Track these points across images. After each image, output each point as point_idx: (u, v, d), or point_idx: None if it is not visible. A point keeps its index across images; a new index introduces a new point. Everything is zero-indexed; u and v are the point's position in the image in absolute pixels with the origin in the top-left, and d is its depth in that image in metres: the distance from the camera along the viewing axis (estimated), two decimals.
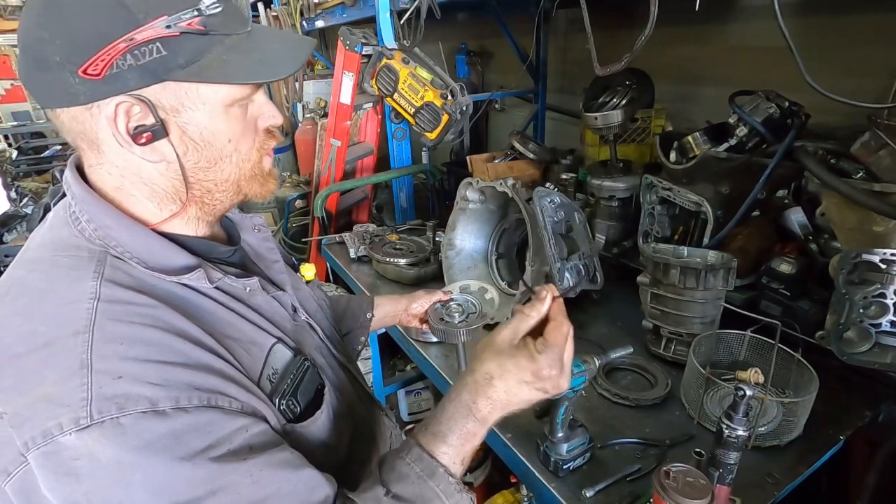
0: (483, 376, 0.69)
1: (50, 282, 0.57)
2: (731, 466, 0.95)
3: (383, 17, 2.05)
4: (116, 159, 0.61)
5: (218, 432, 0.55)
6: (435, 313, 1.23)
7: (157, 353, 0.54)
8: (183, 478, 0.52)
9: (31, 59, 0.55)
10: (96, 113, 0.57)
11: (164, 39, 0.55)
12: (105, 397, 0.51)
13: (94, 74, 0.54)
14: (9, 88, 9.30)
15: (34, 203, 4.75)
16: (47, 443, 0.50)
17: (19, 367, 0.53)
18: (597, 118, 1.95)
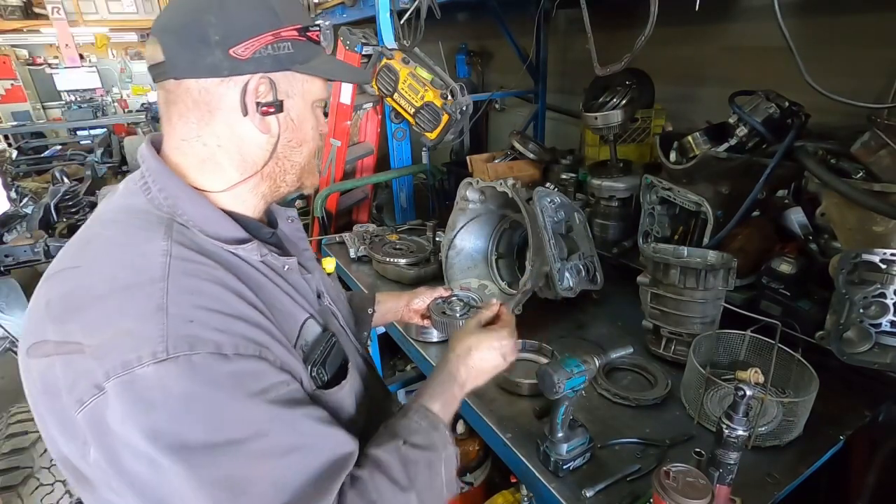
0: (463, 349, 0.91)
1: (126, 237, 0.66)
2: (731, 466, 0.94)
3: (383, 17, 2.05)
4: (222, 128, 0.72)
5: (267, 380, 0.63)
6: (437, 307, 1.25)
7: (219, 306, 0.63)
8: (238, 415, 0.60)
9: (188, 36, 0.67)
10: (230, 85, 0.69)
11: (294, 40, 0.71)
12: (179, 336, 0.58)
13: (241, 55, 0.67)
14: (9, 88, 9.31)
15: (34, 203, 4.74)
16: (127, 373, 0.56)
17: (101, 305, 0.60)
18: (597, 118, 1.95)
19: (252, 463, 0.59)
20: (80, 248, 0.68)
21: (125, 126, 9.24)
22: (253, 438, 0.60)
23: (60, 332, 0.60)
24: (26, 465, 1.99)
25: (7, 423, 2.13)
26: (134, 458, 0.58)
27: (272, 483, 0.60)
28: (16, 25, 9.54)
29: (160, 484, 0.58)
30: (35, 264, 3.86)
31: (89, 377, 0.57)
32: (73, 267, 0.65)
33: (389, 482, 0.70)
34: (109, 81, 10.83)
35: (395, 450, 0.74)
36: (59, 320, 0.61)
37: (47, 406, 0.63)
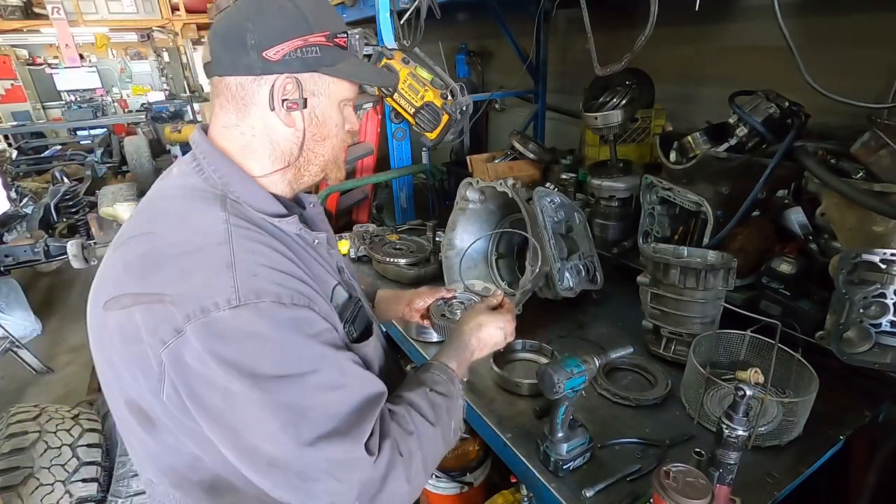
0: (475, 324, 1.08)
1: (189, 209, 0.77)
2: (731, 466, 0.95)
3: (383, 17, 2.05)
4: (255, 121, 0.82)
5: (317, 326, 0.75)
6: (437, 309, 1.25)
7: (275, 264, 0.74)
8: (298, 353, 0.71)
9: (231, 40, 0.77)
10: (262, 83, 0.79)
11: (322, 46, 0.80)
12: (247, 288, 0.68)
13: (272, 58, 0.77)
14: (9, 88, 9.31)
15: (34, 203, 4.74)
16: (206, 316, 0.66)
17: (177, 264, 0.70)
18: (597, 118, 1.95)
19: (309, 393, 0.71)
20: (149, 219, 0.79)
21: (125, 126, 9.24)
22: (310, 374, 0.71)
23: (141, 286, 0.70)
24: (26, 465, 1.99)
25: (7, 423, 2.13)
26: (210, 388, 0.68)
27: (324, 410, 0.71)
28: (16, 25, 9.54)
29: (232, 411, 0.68)
30: (35, 264, 3.86)
31: (170, 322, 0.67)
32: (146, 233, 0.76)
33: (422, 417, 0.84)
34: (109, 81, 10.83)
35: (424, 394, 0.88)
36: (139, 276, 0.71)
37: (123, 351, 0.72)
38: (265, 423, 0.68)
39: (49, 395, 3.43)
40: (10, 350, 3.50)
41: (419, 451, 0.80)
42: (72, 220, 4.86)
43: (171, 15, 10.65)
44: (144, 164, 7.07)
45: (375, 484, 0.73)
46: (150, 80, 11.44)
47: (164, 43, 11.80)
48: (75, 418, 2.24)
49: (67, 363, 3.79)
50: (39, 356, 3.67)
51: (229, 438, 0.71)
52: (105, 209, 4.11)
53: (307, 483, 0.70)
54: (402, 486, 0.76)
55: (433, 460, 0.85)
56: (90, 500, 2.05)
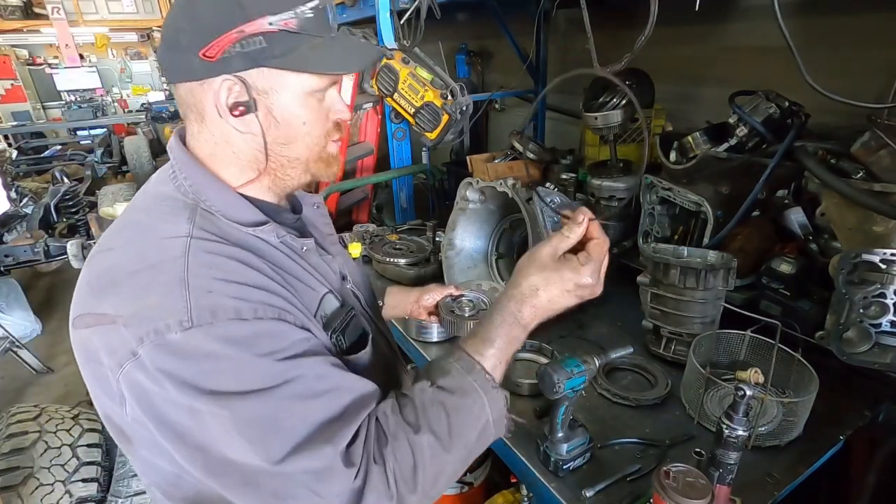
0: (529, 288, 0.78)
1: (154, 222, 0.73)
2: (731, 466, 0.95)
3: (383, 17, 2.05)
4: (214, 129, 0.75)
5: (287, 339, 0.68)
6: (446, 305, 1.26)
7: (237, 277, 0.68)
8: (261, 369, 0.65)
9: (168, 43, 0.70)
10: (206, 88, 0.71)
11: (266, 34, 0.68)
12: (201, 306, 0.63)
13: (210, 56, 0.67)
14: (9, 88, 9.31)
15: (34, 203, 4.74)
16: (158, 338, 0.62)
17: (132, 281, 0.66)
18: (597, 118, 1.95)
19: (282, 404, 0.65)
20: (116, 233, 0.75)
21: (125, 126, 9.24)
22: (279, 386, 0.65)
23: (99, 306, 0.67)
24: (26, 465, 1.99)
25: (7, 423, 2.13)
26: (174, 408, 0.64)
27: (301, 419, 0.65)
28: (16, 25, 9.55)
29: (199, 428, 0.64)
30: (35, 264, 3.86)
31: (124, 344, 0.64)
32: (109, 249, 0.73)
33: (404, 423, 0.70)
34: (109, 81, 10.83)
35: (420, 391, 0.74)
36: (97, 295, 0.68)
37: (90, 371, 0.71)
38: (233, 440, 0.63)
39: (49, 395, 3.43)
40: (10, 350, 3.50)
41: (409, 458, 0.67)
42: (72, 220, 4.86)
43: None
44: (144, 164, 7.07)
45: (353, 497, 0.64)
46: (150, 80, 11.45)
47: None
48: (75, 418, 2.24)
49: (67, 363, 3.79)
50: (39, 356, 3.67)
51: (198, 458, 0.66)
52: (105, 209, 4.11)
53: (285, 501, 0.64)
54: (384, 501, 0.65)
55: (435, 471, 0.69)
56: (90, 500, 2.05)
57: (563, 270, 0.77)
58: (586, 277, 0.77)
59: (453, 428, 0.71)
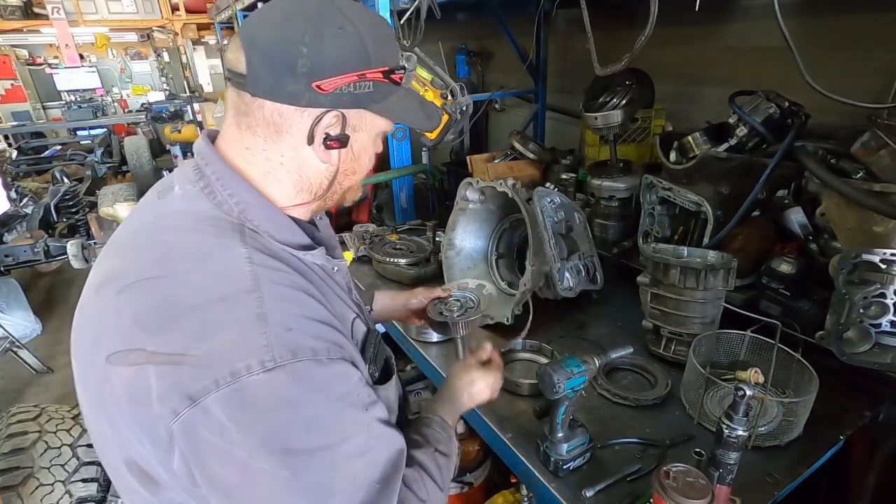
0: (467, 381, 1.05)
1: (205, 246, 0.67)
2: (731, 466, 0.94)
3: (383, 17, 2.05)
4: (287, 150, 0.73)
5: (352, 380, 0.68)
6: (434, 308, 1.26)
7: (309, 312, 0.66)
8: (333, 420, 0.63)
9: (277, 61, 0.67)
10: (304, 115, 0.70)
11: (376, 81, 0.72)
12: (282, 345, 0.60)
13: (323, 89, 0.68)
14: (9, 88, 9.31)
15: (34, 203, 4.74)
16: (236, 381, 0.57)
17: (199, 317, 0.60)
18: (597, 118, 1.95)
19: (338, 465, 0.63)
20: (158, 258, 0.67)
21: (125, 126, 9.25)
22: (340, 443, 0.64)
23: (156, 343, 0.60)
24: (26, 465, 1.99)
25: (7, 423, 2.13)
26: (227, 464, 0.59)
27: (352, 482, 0.64)
28: (16, 25, 9.55)
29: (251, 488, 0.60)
30: (35, 264, 3.86)
31: (185, 388, 0.58)
32: (159, 276, 0.64)
33: (433, 483, 0.79)
34: (109, 81, 10.83)
35: (432, 456, 0.84)
36: (153, 331, 0.61)
37: (129, 412, 0.62)
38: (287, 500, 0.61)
39: (49, 395, 3.43)
40: (10, 350, 3.50)
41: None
42: (72, 220, 4.86)
43: (171, 15, 10.66)
44: (144, 164, 7.07)
45: None
46: (150, 80, 11.45)
47: (164, 43, 11.81)
48: (75, 418, 2.24)
49: (67, 363, 3.76)
50: (39, 356, 3.67)
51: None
52: (105, 209, 4.11)
53: None
54: None
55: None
56: (90, 500, 2.05)
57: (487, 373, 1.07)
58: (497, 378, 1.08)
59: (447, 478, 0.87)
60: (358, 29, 0.69)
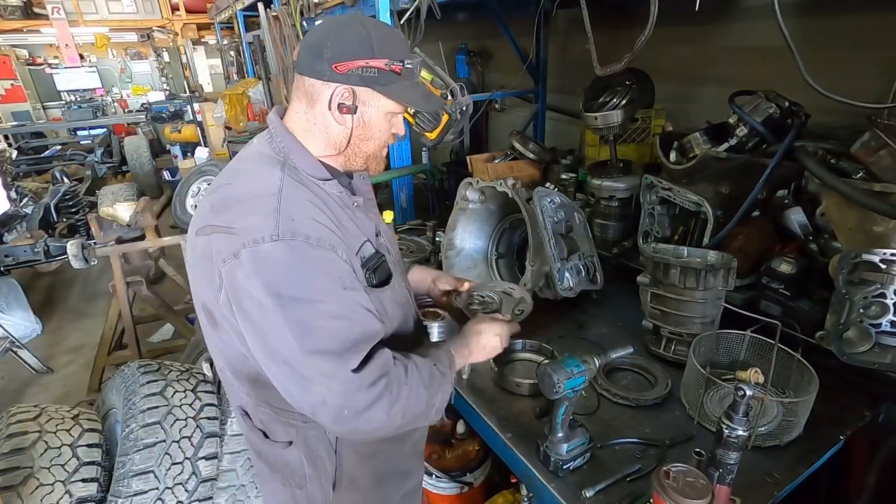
0: (478, 329, 1.23)
1: (258, 170, 1.02)
2: (731, 466, 0.95)
3: (383, 17, 2.05)
4: (318, 114, 1.02)
5: (335, 266, 0.95)
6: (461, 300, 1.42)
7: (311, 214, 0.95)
8: (313, 283, 0.91)
9: (313, 49, 0.98)
10: (327, 87, 0.99)
11: (380, 69, 0.98)
12: (285, 227, 0.90)
13: (339, 70, 0.97)
14: (9, 88, 9.31)
15: (34, 203, 4.73)
16: (255, 245, 0.89)
17: (242, 206, 0.94)
18: (597, 118, 1.95)
19: (317, 316, 0.91)
20: (231, 174, 1.05)
21: (125, 126, 9.25)
22: (319, 302, 0.91)
23: (218, 219, 0.94)
24: (26, 465, 1.99)
25: (7, 423, 2.13)
26: (249, 300, 0.90)
27: (327, 332, 0.91)
28: (16, 25, 9.55)
29: (263, 319, 0.90)
30: (35, 264, 3.85)
31: (231, 247, 0.89)
32: (227, 184, 1.01)
33: (419, 377, 1.01)
34: (109, 81, 10.84)
35: (428, 364, 1.06)
36: (217, 212, 0.96)
37: (202, 266, 0.96)
38: (282, 331, 0.89)
39: (49, 395, 3.43)
40: (10, 350, 3.49)
41: (405, 399, 0.97)
42: (72, 220, 4.86)
43: (171, 15, 10.66)
44: (144, 164, 7.06)
45: (364, 403, 0.92)
46: (150, 80, 11.45)
47: (164, 43, 11.81)
48: (75, 418, 2.24)
49: (67, 363, 3.78)
50: (39, 356, 3.66)
51: (259, 339, 0.92)
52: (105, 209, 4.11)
53: (306, 382, 0.91)
54: (381, 416, 0.94)
55: (412, 415, 1.01)
56: (90, 500, 2.05)
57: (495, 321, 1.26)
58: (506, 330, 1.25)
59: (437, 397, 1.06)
60: (370, 32, 0.97)
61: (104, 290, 4.31)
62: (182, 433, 2.02)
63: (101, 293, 4.68)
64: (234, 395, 1.16)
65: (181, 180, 5.78)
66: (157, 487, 1.93)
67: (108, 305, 3.50)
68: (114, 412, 2.29)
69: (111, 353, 3.43)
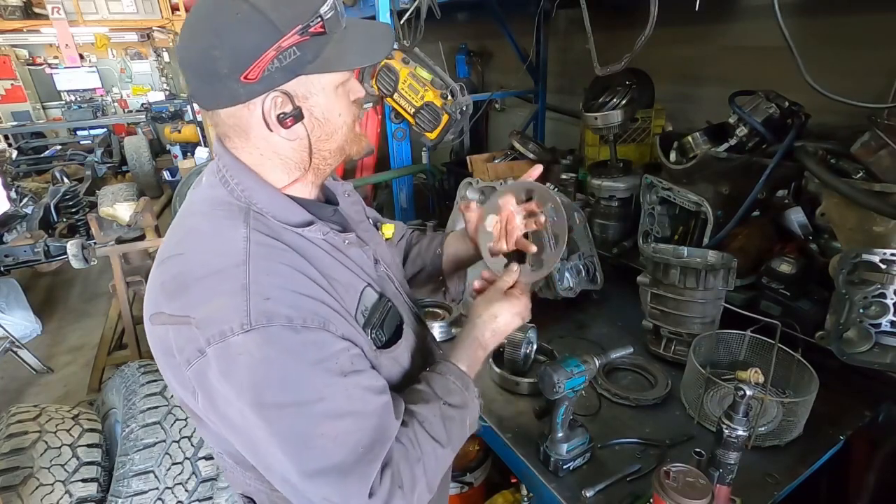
0: (489, 316, 0.96)
1: (214, 227, 0.78)
2: (731, 466, 0.95)
3: (383, 17, 2.05)
4: (260, 143, 0.79)
5: (329, 349, 0.73)
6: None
7: (290, 285, 0.73)
8: (303, 380, 0.71)
9: (203, 73, 0.72)
10: (252, 108, 0.75)
11: (298, 44, 0.71)
12: (259, 311, 0.69)
13: (252, 78, 0.71)
14: (9, 88, 9.31)
15: (34, 203, 4.73)
16: (223, 340, 0.68)
17: (201, 286, 0.72)
18: (597, 118, 1.95)
19: (314, 422, 0.71)
20: (183, 237, 0.80)
21: (125, 126, 9.24)
22: (314, 402, 0.71)
23: (172, 307, 0.73)
24: (26, 465, 1.99)
25: (7, 423, 2.13)
26: (229, 406, 0.71)
27: (331, 439, 0.71)
28: (16, 25, 9.53)
29: (248, 429, 0.71)
30: (35, 264, 3.85)
31: (194, 343, 0.70)
32: (179, 254, 0.77)
33: (433, 440, 0.80)
34: (109, 81, 10.84)
35: (438, 409, 0.84)
36: (170, 297, 0.74)
37: (166, 362, 0.77)
38: (271, 448, 0.71)
39: (49, 395, 3.43)
40: (10, 350, 3.49)
41: (424, 476, 0.78)
42: (72, 220, 4.86)
43: (171, 15, 10.64)
44: (144, 164, 7.07)
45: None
46: (150, 80, 11.45)
47: (164, 43, 11.81)
48: (75, 418, 2.24)
49: (67, 363, 3.78)
50: (39, 356, 3.66)
51: (250, 451, 0.75)
52: (105, 209, 4.11)
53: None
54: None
55: (439, 477, 0.82)
56: (90, 500, 2.05)
57: (511, 300, 0.98)
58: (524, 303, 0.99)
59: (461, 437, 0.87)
60: (253, 5, 0.69)
61: (104, 290, 4.31)
62: (182, 433, 2.02)
63: (101, 293, 4.68)
64: (237, 480, 0.93)
65: (181, 180, 5.78)
66: (157, 487, 1.93)
67: (108, 305, 3.50)
68: (114, 412, 2.29)
69: (111, 353, 3.43)
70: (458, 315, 1.78)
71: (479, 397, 0.93)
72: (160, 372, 0.85)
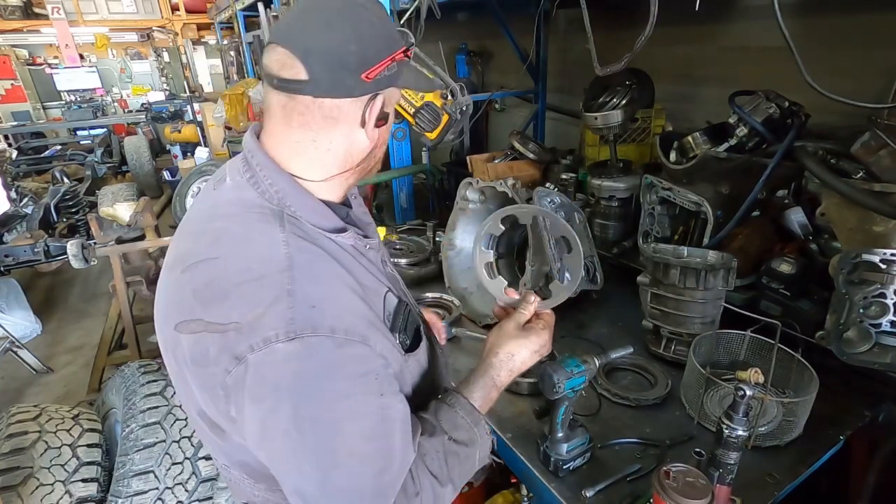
0: (506, 354, 0.95)
1: (248, 231, 0.77)
2: (731, 466, 0.95)
3: None
4: (338, 136, 0.81)
5: (367, 365, 0.74)
6: None
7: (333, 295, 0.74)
8: (343, 397, 0.70)
9: (332, 62, 0.75)
10: (358, 104, 0.79)
11: (398, 62, 0.81)
12: (304, 319, 0.69)
13: (368, 78, 0.77)
14: (9, 88, 9.31)
15: (34, 203, 4.73)
16: (266, 346, 0.67)
17: (241, 292, 0.71)
18: (597, 118, 1.95)
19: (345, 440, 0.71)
20: (212, 242, 0.77)
21: (125, 126, 9.24)
22: (348, 420, 0.71)
23: (209, 314, 0.72)
24: (26, 465, 1.99)
25: (7, 423, 2.13)
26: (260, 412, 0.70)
27: (360, 461, 0.71)
28: (16, 25, 9.55)
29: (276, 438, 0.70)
30: (35, 264, 3.85)
31: (234, 349, 0.69)
32: (212, 258, 0.75)
33: (430, 475, 0.79)
34: (109, 81, 10.84)
35: (441, 444, 0.83)
36: (206, 304, 0.72)
37: (194, 371, 0.75)
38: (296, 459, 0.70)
39: (49, 395, 3.43)
40: (10, 350, 3.49)
41: None
42: (72, 220, 4.86)
43: (171, 15, 10.65)
44: (144, 164, 7.07)
45: None
46: (150, 80, 11.46)
47: (164, 43, 11.81)
48: (75, 418, 2.24)
49: (67, 363, 3.78)
50: (39, 356, 3.66)
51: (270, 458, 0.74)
52: (105, 209, 4.11)
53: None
54: None
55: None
56: (90, 500, 2.05)
57: (530, 336, 0.97)
58: (544, 340, 0.98)
59: (464, 474, 0.85)
60: (380, 17, 0.79)
61: (104, 290, 4.31)
62: (182, 433, 2.02)
63: (101, 293, 4.68)
64: (243, 491, 0.91)
65: (181, 180, 5.78)
66: (157, 487, 1.93)
67: (108, 305, 3.51)
68: (114, 412, 2.29)
69: (111, 353, 3.43)
70: (458, 315, 1.78)
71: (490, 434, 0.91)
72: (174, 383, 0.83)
